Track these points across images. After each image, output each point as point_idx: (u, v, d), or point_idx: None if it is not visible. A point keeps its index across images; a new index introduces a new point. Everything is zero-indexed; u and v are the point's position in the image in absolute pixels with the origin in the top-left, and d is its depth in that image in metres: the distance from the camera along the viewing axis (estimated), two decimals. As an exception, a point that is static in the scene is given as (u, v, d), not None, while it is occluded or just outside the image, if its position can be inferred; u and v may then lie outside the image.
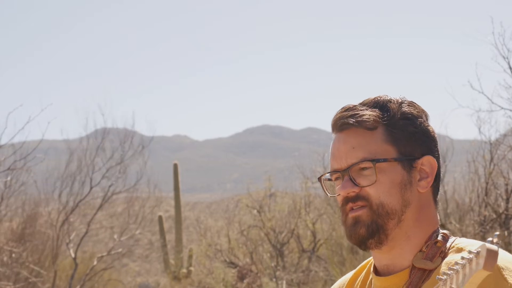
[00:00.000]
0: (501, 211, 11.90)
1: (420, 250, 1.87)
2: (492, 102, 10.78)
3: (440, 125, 12.94)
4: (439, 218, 1.95)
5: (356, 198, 1.87)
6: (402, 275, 1.87)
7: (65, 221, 15.25)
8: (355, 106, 1.93)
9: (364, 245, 1.88)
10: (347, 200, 1.89)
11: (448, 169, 13.34)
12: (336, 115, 1.93)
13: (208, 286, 18.12)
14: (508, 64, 10.42)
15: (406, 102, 1.94)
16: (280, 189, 20.63)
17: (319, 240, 17.62)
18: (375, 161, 1.86)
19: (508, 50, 10.39)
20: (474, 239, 1.91)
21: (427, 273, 1.83)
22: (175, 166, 22.48)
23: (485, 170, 12.22)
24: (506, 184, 11.82)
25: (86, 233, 15.72)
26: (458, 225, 12.37)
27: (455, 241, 1.87)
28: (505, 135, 11.85)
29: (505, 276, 1.73)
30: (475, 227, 12.02)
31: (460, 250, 1.82)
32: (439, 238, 1.87)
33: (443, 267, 1.81)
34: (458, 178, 13.95)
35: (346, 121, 1.90)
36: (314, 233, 17.78)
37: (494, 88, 13.41)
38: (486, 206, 12.18)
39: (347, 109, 1.92)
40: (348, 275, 2.08)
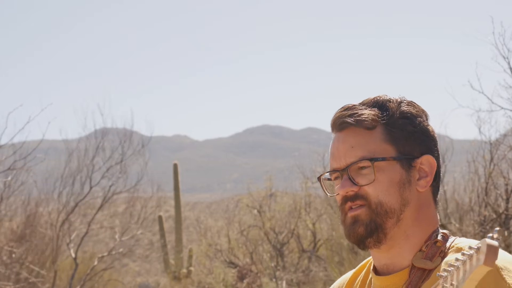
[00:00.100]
0: (501, 211, 11.90)
1: (420, 250, 1.87)
2: (492, 102, 10.78)
3: (440, 125, 12.94)
4: (439, 218, 1.95)
5: (355, 197, 1.88)
6: (402, 275, 1.87)
7: (65, 221, 15.25)
8: (354, 106, 1.93)
9: (363, 244, 1.88)
10: (346, 199, 1.89)
11: (448, 169, 13.34)
12: (335, 115, 1.94)
13: (208, 286, 18.12)
14: (508, 64, 10.41)
15: (405, 102, 1.94)
16: (280, 189, 20.64)
17: (319, 240, 17.62)
18: (374, 160, 1.86)
19: (508, 50, 10.39)
20: (474, 239, 1.91)
21: (427, 273, 1.83)
22: (175, 166, 22.49)
23: (485, 170, 12.21)
24: (506, 184, 11.82)
25: (87, 233, 15.71)
26: (458, 225, 12.37)
27: (455, 241, 1.87)
28: (505, 135, 11.84)
29: (504, 276, 1.73)
30: (475, 227, 12.02)
31: (460, 250, 1.82)
32: (439, 238, 1.87)
33: (443, 267, 1.80)
34: (458, 178, 13.95)
35: (345, 120, 1.90)
36: (314, 233, 17.79)
37: (494, 88, 13.43)
38: (486, 206, 12.18)
39: (346, 109, 1.93)
40: (348, 275, 2.08)
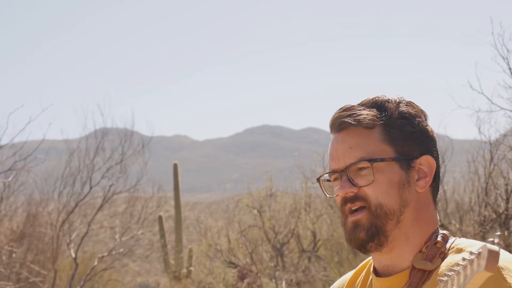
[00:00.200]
0: (501, 211, 11.90)
1: (420, 251, 1.86)
2: (492, 103, 10.79)
3: (439, 125, 12.94)
4: (439, 218, 1.95)
5: (355, 199, 1.87)
6: (402, 276, 1.87)
7: (65, 221, 15.26)
8: (353, 106, 1.93)
9: (364, 249, 1.88)
10: (346, 201, 1.88)
11: (448, 169, 13.33)
12: (334, 115, 1.93)
13: (209, 286, 18.12)
14: (508, 65, 10.42)
15: (404, 102, 1.93)
16: (280, 189, 20.63)
17: (319, 240, 17.61)
18: (373, 161, 1.85)
19: (508, 51, 10.39)
20: (474, 239, 1.91)
21: (427, 274, 1.82)
22: (175, 166, 22.48)
23: (485, 170, 12.22)
24: (506, 184, 11.83)
25: (87, 233, 15.72)
26: (458, 225, 12.37)
27: (455, 242, 1.86)
28: (505, 135, 11.84)
29: (505, 276, 1.73)
30: (475, 227, 12.02)
31: (460, 251, 1.82)
32: (439, 239, 1.86)
33: (443, 268, 1.80)
34: (458, 178, 13.95)
35: (344, 121, 1.90)
36: (314, 233, 17.78)
37: (494, 88, 13.43)
38: (486, 206, 12.18)
39: (345, 109, 1.92)
40: (348, 275, 2.08)
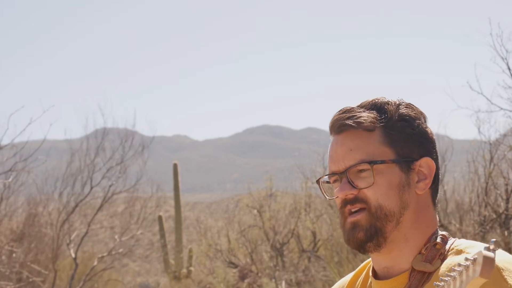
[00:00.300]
0: (501, 211, 11.91)
1: (420, 253, 1.86)
2: (492, 103, 10.78)
3: (439, 125, 12.95)
4: (439, 219, 1.96)
5: (355, 200, 1.87)
6: (402, 278, 1.87)
7: (66, 221, 15.26)
8: (353, 108, 1.93)
9: (363, 249, 1.88)
10: (346, 203, 1.88)
11: (448, 169, 13.33)
12: (334, 118, 1.93)
13: (209, 286, 18.13)
14: (507, 65, 10.41)
15: (404, 104, 1.93)
16: (280, 189, 20.63)
17: (319, 240, 17.61)
18: (373, 163, 1.85)
19: (507, 51, 10.39)
20: (474, 240, 1.92)
21: (427, 276, 1.83)
22: (175, 166, 22.49)
23: (485, 170, 12.22)
24: (506, 184, 11.83)
25: (86, 233, 15.73)
26: (458, 225, 12.37)
27: (454, 243, 1.87)
28: (505, 135, 11.85)
29: (505, 277, 1.73)
30: (475, 227, 12.02)
31: (460, 252, 1.83)
32: (438, 240, 1.87)
33: (443, 269, 1.81)
34: (458, 178, 13.94)
35: (344, 123, 1.90)
36: (314, 233, 17.78)
37: (494, 89, 13.45)
38: (486, 206, 12.19)
39: (345, 111, 1.92)
40: (348, 277, 2.08)
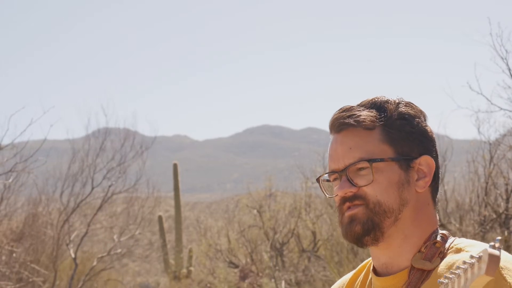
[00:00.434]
0: (501, 211, 11.91)
1: (419, 251, 1.87)
2: (491, 103, 10.78)
3: (439, 125, 12.95)
4: (439, 218, 1.96)
5: (354, 198, 1.88)
6: (401, 276, 1.88)
7: (66, 222, 15.27)
8: (352, 107, 1.94)
9: (361, 243, 1.89)
10: (345, 200, 1.90)
11: (448, 169, 13.34)
12: (334, 116, 1.94)
13: (210, 286, 18.13)
14: (507, 65, 10.41)
15: (403, 103, 1.94)
16: (280, 189, 20.65)
17: (319, 240, 17.62)
18: (372, 161, 1.87)
19: (506, 51, 10.39)
20: (474, 239, 1.92)
21: (426, 274, 1.84)
22: (175, 166, 22.49)
23: (485, 170, 12.23)
24: (506, 184, 11.84)
25: (86, 233, 15.74)
26: (458, 225, 12.37)
27: (454, 242, 1.87)
28: (505, 135, 11.85)
29: (505, 276, 1.74)
30: (475, 227, 12.03)
31: (459, 251, 1.83)
32: (438, 239, 1.87)
33: (442, 268, 1.81)
34: (458, 178, 13.95)
35: (343, 122, 1.91)
36: (314, 233, 17.79)
37: (493, 89, 13.45)
38: (486, 206, 12.19)
39: (344, 110, 1.93)
40: (348, 276, 2.09)
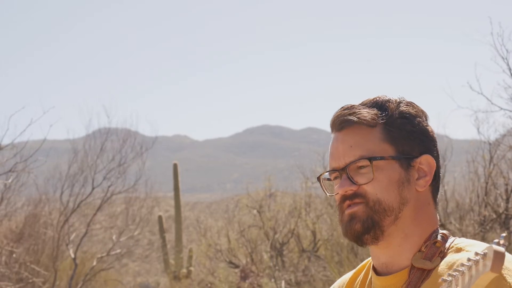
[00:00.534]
0: (501, 211, 11.92)
1: (419, 250, 1.87)
2: (492, 103, 10.79)
3: (438, 125, 12.95)
4: (439, 218, 1.96)
5: (354, 196, 1.89)
6: (401, 275, 1.88)
7: (66, 222, 15.28)
8: (354, 106, 1.94)
9: (361, 241, 1.89)
10: (345, 198, 1.90)
11: (448, 169, 13.34)
12: (335, 115, 1.95)
13: (211, 286, 18.13)
14: (507, 65, 10.41)
15: (405, 102, 1.95)
16: (280, 189, 20.64)
17: (319, 240, 17.62)
18: (373, 159, 1.87)
19: (507, 51, 10.39)
20: (474, 239, 1.92)
21: (426, 273, 1.84)
22: (175, 166, 22.47)
23: (485, 170, 12.23)
24: (506, 184, 11.84)
25: (86, 234, 15.74)
26: (458, 225, 12.37)
27: (454, 241, 1.88)
28: (505, 135, 11.85)
29: (504, 275, 1.74)
30: (475, 227, 12.03)
31: (460, 250, 1.84)
32: (438, 238, 1.87)
33: (442, 267, 1.82)
34: (458, 178, 13.95)
35: (345, 119, 1.91)
36: (314, 233, 17.79)
37: (494, 89, 13.46)
38: (486, 206, 12.20)
39: (346, 108, 1.94)
40: (348, 275, 2.09)
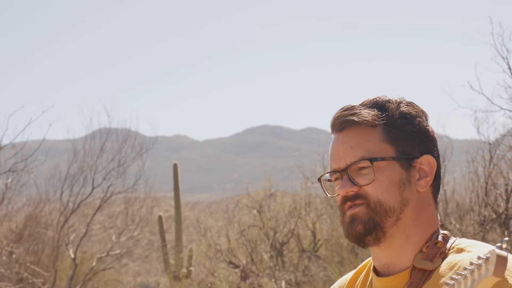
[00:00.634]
0: (501, 211, 11.92)
1: (420, 251, 1.87)
2: (492, 103, 10.79)
3: (438, 125, 12.95)
4: (439, 218, 1.96)
5: (355, 197, 1.88)
6: (403, 276, 1.87)
7: (65, 222, 15.28)
8: (354, 106, 1.94)
9: (362, 242, 1.89)
10: (346, 199, 1.90)
11: (448, 169, 13.34)
12: (335, 115, 1.94)
13: (211, 286, 18.12)
14: (508, 65, 10.42)
15: (405, 102, 1.95)
16: (280, 189, 20.64)
17: (319, 240, 17.62)
18: (373, 160, 1.87)
19: (507, 51, 10.40)
20: (474, 239, 1.92)
21: (427, 274, 1.83)
22: (175, 166, 22.47)
23: (485, 170, 12.23)
24: (506, 184, 11.84)
25: (86, 234, 15.75)
26: (458, 225, 12.37)
27: (456, 242, 1.87)
28: (504, 135, 11.85)
29: (506, 277, 1.73)
30: (475, 227, 12.03)
31: (461, 251, 1.83)
32: (439, 239, 1.87)
33: (444, 268, 1.81)
34: (458, 178, 13.95)
35: (345, 120, 1.91)
36: (314, 233, 17.79)
37: (494, 89, 13.44)
38: (486, 206, 12.20)
39: (346, 109, 1.94)
40: (348, 275, 2.08)
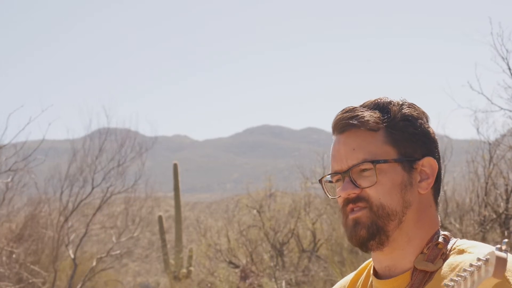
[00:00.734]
0: (501, 211, 11.91)
1: (421, 252, 1.87)
2: (492, 103, 10.79)
3: (438, 125, 12.95)
4: (439, 219, 1.96)
5: (357, 200, 1.88)
6: (403, 278, 1.87)
7: (65, 222, 15.28)
8: (355, 108, 1.93)
9: (365, 247, 1.88)
10: (348, 202, 1.89)
11: (448, 169, 13.34)
12: (337, 117, 1.94)
13: (211, 286, 18.12)
14: (507, 65, 10.42)
15: (407, 104, 1.94)
16: (280, 189, 20.64)
17: (319, 240, 17.62)
18: (376, 162, 1.86)
19: (507, 51, 10.40)
20: (474, 240, 1.92)
21: (429, 275, 1.83)
22: (175, 166, 22.46)
23: (485, 170, 12.22)
24: (506, 184, 11.84)
25: (86, 234, 15.75)
26: (458, 225, 12.37)
27: (456, 243, 1.87)
28: (504, 136, 11.85)
29: (508, 278, 1.73)
30: (475, 227, 12.03)
31: (462, 252, 1.83)
32: (440, 240, 1.87)
33: (445, 269, 1.81)
34: (458, 178, 13.95)
35: (347, 122, 1.90)
36: (314, 233, 17.79)
37: (494, 89, 13.43)
38: (486, 206, 12.19)
39: (348, 111, 1.93)
40: (349, 277, 2.08)
